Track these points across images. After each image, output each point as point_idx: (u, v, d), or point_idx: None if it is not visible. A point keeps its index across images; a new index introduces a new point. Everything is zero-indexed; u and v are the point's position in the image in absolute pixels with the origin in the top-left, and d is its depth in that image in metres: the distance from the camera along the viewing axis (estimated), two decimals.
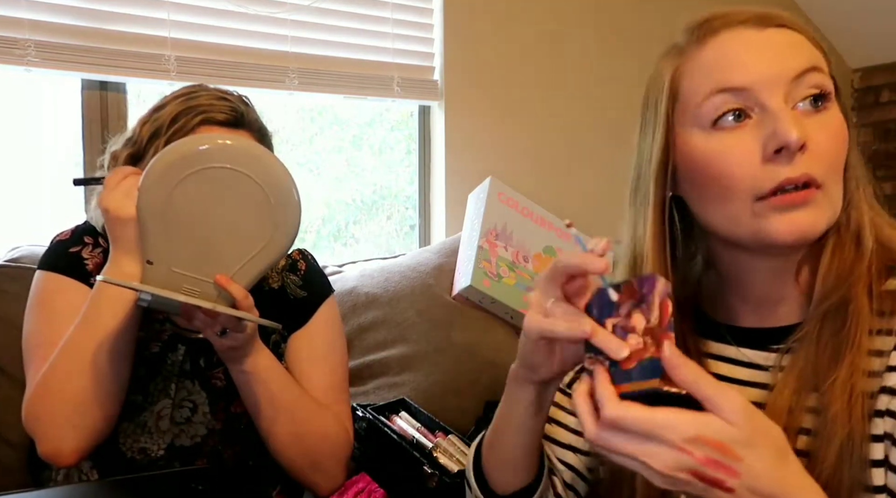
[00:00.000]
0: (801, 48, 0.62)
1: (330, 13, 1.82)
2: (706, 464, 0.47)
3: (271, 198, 0.84)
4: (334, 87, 1.82)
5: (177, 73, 1.59)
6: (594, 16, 2.26)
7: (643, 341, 0.51)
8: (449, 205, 2.01)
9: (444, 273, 1.63)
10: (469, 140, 2.04)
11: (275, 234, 0.85)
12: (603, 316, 0.55)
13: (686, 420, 0.47)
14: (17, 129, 1.63)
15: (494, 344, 1.53)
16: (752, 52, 0.62)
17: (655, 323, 0.51)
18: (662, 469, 0.47)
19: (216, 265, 0.84)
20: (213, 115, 0.97)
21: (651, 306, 0.52)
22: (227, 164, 0.82)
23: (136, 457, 0.96)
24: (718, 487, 0.47)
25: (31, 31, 1.45)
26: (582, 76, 2.24)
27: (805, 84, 0.60)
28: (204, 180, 0.82)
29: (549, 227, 1.76)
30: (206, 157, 0.82)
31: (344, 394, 1.08)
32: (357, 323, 1.53)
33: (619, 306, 0.54)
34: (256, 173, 0.83)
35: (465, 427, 1.36)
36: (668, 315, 0.51)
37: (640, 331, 0.52)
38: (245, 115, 1.01)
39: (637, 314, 0.52)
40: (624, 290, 0.54)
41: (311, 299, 1.09)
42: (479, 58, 2.03)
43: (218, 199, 0.83)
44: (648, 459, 0.48)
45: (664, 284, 0.52)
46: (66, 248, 1.00)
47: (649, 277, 0.53)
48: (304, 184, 2.00)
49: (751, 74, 0.61)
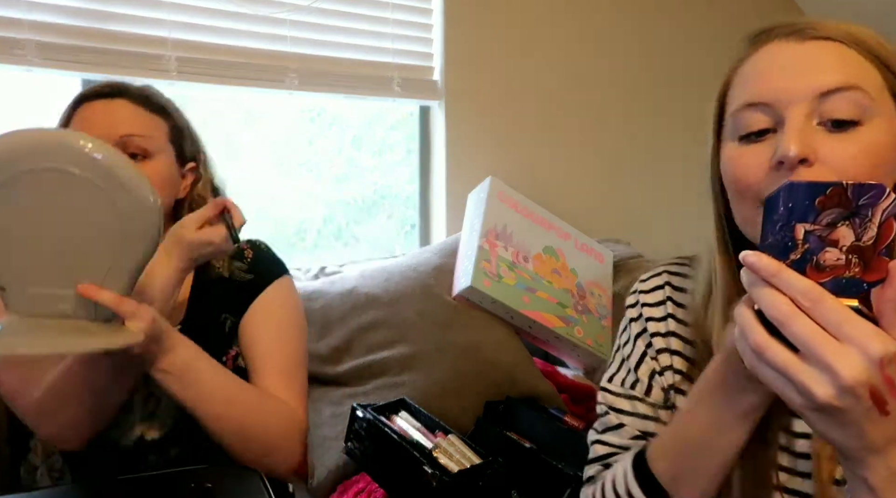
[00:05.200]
0: (838, 64, 0.60)
1: (330, 13, 1.82)
2: (888, 382, 0.45)
3: (105, 189, 0.73)
4: (334, 87, 1.82)
5: (177, 73, 1.59)
6: (595, 16, 2.26)
7: (845, 258, 0.46)
8: (449, 205, 2.01)
9: (444, 273, 1.63)
10: (469, 140, 2.04)
11: (130, 225, 0.75)
12: (794, 217, 0.48)
13: (887, 337, 0.46)
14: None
15: (494, 344, 1.53)
16: (781, 66, 0.62)
17: (869, 243, 0.46)
18: (850, 377, 0.44)
19: (78, 274, 0.75)
20: (85, 94, 0.99)
21: (868, 223, 0.46)
22: (47, 164, 0.72)
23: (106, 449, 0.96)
24: (880, 408, 0.46)
25: (31, 31, 1.45)
26: (582, 76, 2.23)
27: (833, 102, 0.59)
28: (27, 185, 0.72)
29: (549, 227, 1.76)
30: (20, 158, 0.72)
31: (296, 377, 1.05)
32: (357, 323, 1.53)
33: (819, 212, 0.47)
34: (79, 166, 0.73)
35: (465, 427, 1.36)
36: (891, 237, 0.46)
37: (845, 247, 0.47)
38: (123, 87, 1.00)
39: (844, 227, 0.47)
40: (830, 193, 0.47)
41: (258, 281, 1.08)
42: (479, 58, 2.03)
43: (50, 202, 0.73)
44: (839, 361, 0.45)
45: (893, 200, 0.46)
46: None
47: (872, 186, 0.46)
48: (304, 184, 2.02)
49: (775, 90, 0.61)
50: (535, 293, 1.60)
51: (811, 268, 0.48)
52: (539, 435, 1.29)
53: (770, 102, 0.61)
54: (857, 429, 0.47)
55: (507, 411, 1.40)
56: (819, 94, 0.59)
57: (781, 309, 0.47)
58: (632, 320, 0.83)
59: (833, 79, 0.59)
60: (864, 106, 0.59)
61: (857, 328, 0.45)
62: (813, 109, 0.60)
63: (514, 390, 1.46)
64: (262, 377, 1.02)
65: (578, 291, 1.69)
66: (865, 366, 0.45)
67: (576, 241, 1.79)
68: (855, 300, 0.47)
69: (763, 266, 0.48)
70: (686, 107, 2.30)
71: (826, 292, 0.46)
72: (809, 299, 0.46)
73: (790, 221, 0.48)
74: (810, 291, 0.46)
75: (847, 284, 0.47)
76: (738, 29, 0.69)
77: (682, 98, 2.35)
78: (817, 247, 0.47)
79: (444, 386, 1.42)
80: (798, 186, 0.48)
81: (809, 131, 0.59)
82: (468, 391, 1.43)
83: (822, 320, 0.46)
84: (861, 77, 0.60)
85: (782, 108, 0.61)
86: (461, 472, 1.05)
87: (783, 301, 0.47)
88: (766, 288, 0.48)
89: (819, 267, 0.48)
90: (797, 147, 0.57)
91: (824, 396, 0.45)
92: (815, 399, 0.46)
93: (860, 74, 0.60)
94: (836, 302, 0.46)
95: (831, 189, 0.47)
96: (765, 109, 0.62)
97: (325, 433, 1.37)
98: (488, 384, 1.46)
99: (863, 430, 0.47)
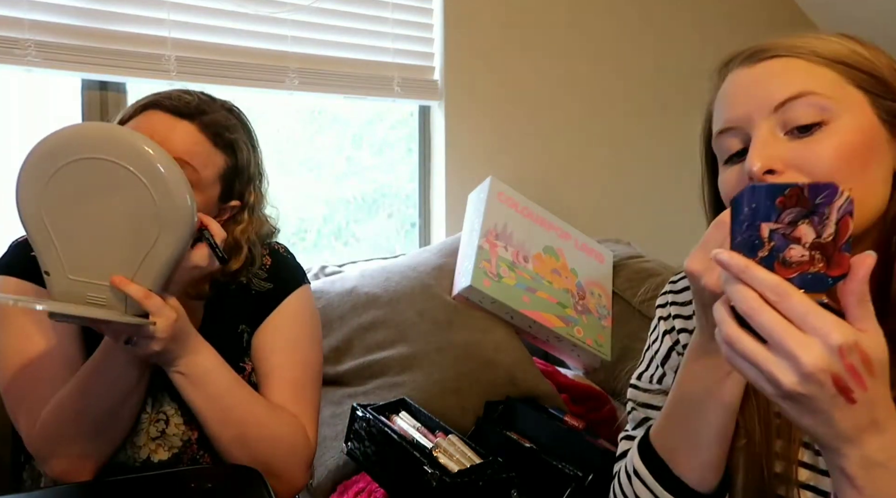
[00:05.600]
0: (789, 75, 0.65)
1: (330, 13, 1.82)
2: (849, 370, 0.48)
3: (149, 185, 0.77)
4: (334, 87, 1.82)
5: (177, 73, 1.59)
6: (594, 15, 2.26)
7: (809, 254, 0.49)
8: (449, 204, 2.01)
9: (444, 273, 1.63)
10: (469, 140, 2.04)
11: (164, 223, 0.78)
12: (758, 217, 0.51)
13: (849, 326, 0.48)
14: (17, 130, 1.63)
15: (494, 344, 1.53)
16: (740, 90, 0.67)
17: (829, 240, 0.49)
18: (811, 364, 0.47)
19: (112, 267, 0.78)
20: (160, 100, 0.92)
21: (826, 220, 0.49)
22: (95, 155, 0.76)
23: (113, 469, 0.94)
24: (845, 396, 0.48)
25: (31, 31, 1.45)
26: (582, 76, 2.24)
27: (792, 110, 0.63)
28: (74, 175, 0.76)
29: (549, 227, 1.76)
30: (71, 149, 0.76)
31: (308, 392, 1.02)
32: (357, 323, 1.54)
33: (780, 211, 0.50)
34: (130, 161, 0.76)
35: (465, 427, 1.36)
36: (848, 234, 0.49)
37: (808, 244, 0.49)
38: (199, 110, 0.93)
39: (805, 225, 0.49)
40: (789, 194, 0.50)
41: (276, 291, 1.04)
42: (479, 58, 2.03)
43: (93, 194, 0.77)
44: (800, 349, 0.47)
45: (846, 200, 0.49)
46: (25, 251, 0.95)
47: (827, 186, 0.49)
48: (304, 183, 2.02)
49: (738, 113, 0.66)
50: (535, 293, 1.60)
51: (779, 264, 0.50)
52: (539, 435, 1.29)
53: (738, 126, 0.66)
54: (826, 416, 0.49)
55: (507, 411, 1.41)
56: (775, 107, 0.64)
57: (749, 303, 0.50)
58: (661, 319, 0.86)
59: (784, 90, 0.64)
60: (823, 106, 0.63)
61: (819, 319, 0.48)
62: (776, 122, 0.64)
63: (514, 390, 1.46)
64: (273, 391, 0.99)
65: (578, 291, 1.70)
66: (826, 354, 0.47)
67: (576, 241, 1.79)
68: (822, 294, 0.49)
69: (733, 264, 0.51)
70: (686, 106, 2.30)
71: (792, 287, 0.49)
72: (776, 294, 0.49)
73: (755, 221, 0.51)
74: (777, 286, 0.49)
75: (813, 279, 0.49)
76: (738, 29, 0.69)
77: (682, 98, 2.35)
78: (782, 244, 0.50)
79: (444, 386, 1.42)
80: (759, 188, 0.51)
81: (775, 143, 0.63)
82: (468, 391, 1.43)
83: (789, 313, 0.49)
84: (811, 82, 0.64)
85: (749, 127, 0.65)
86: (461, 472, 1.05)
87: (751, 296, 0.50)
88: (737, 284, 0.51)
89: (786, 263, 0.50)
90: (759, 161, 0.62)
91: (789, 383, 0.48)
92: (781, 387, 0.48)
93: (810, 79, 0.64)
94: (801, 296, 0.49)
95: (789, 190, 0.50)
96: (735, 132, 0.67)
97: (325, 433, 1.37)
98: (488, 384, 1.46)
99: (832, 417, 0.49)
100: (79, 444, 0.89)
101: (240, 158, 0.97)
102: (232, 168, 0.96)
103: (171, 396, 0.97)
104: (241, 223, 1.00)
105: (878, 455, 0.50)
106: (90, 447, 0.90)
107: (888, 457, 0.51)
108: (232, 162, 0.96)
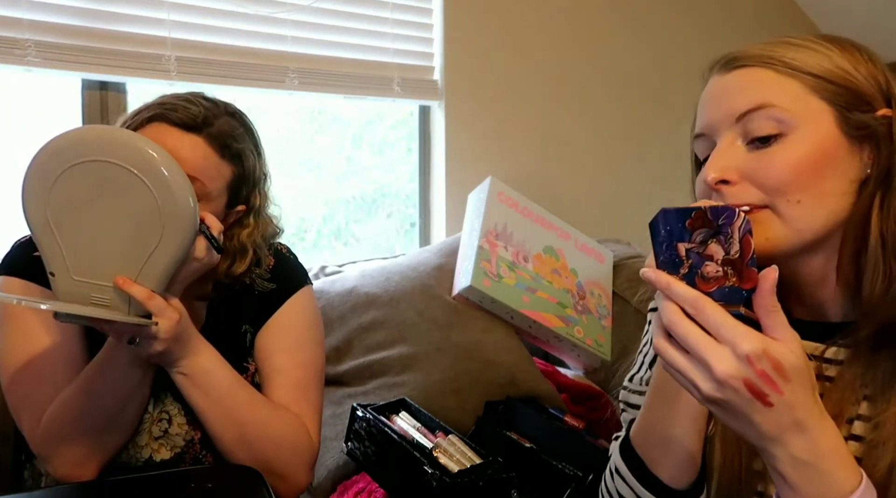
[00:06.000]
0: (752, 87, 0.66)
1: (330, 13, 1.82)
2: (761, 376, 0.51)
3: (152, 187, 0.78)
4: (334, 87, 1.82)
5: (177, 73, 1.59)
6: (594, 16, 2.26)
7: (723, 270, 0.54)
8: (449, 204, 2.01)
9: (444, 273, 1.63)
10: (469, 140, 2.04)
11: (167, 224, 0.79)
12: (674, 238, 0.56)
13: (758, 336, 0.52)
14: (17, 130, 1.63)
15: (494, 344, 1.53)
16: (711, 99, 0.70)
17: (736, 257, 0.53)
18: (722, 372, 0.51)
19: (116, 268, 0.79)
20: (166, 113, 0.91)
21: (730, 239, 0.53)
22: (99, 158, 0.77)
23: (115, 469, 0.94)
24: (761, 400, 0.51)
25: (31, 31, 1.45)
26: (582, 75, 2.24)
27: (751, 122, 0.65)
28: (79, 178, 0.78)
29: (549, 228, 1.76)
30: (75, 152, 0.77)
31: (311, 393, 1.02)
32: (357, 323, 1.54)
33: (691, 232, 0.55)
34: (133, 163, 0.78)
35: (465, 427, 1.36)
36: (752, 250, 0.53)
37: (719, 260, 0.54)
38: (206, 122, 0.92)
39: (714, 244, 0.54)
40: (694, 216, 0.55)
41: (279, 292, 1.05)
42: (479, 58, 2.03)
43: (97, 196, 0.78)
44: (713, 359, 0.51)
45: (744, 221, 0.53)
46: (28, 251, 0.95)
47: (725, 208, 0.54)
48: (304, 182, 2.02)
49: (706, 121, 0.69)
50: (535, 293, 1.60)
51: (700, 279, 0.55)
52: (539, 435, 1.29)
53: (706, 133, 0.69)
54: (746, 419, 0.53)
55: (507, 411, 1.41)
56: (736, 118, 0.66)
57: (670, 316, 0.54)
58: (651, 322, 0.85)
59: (745, 101, 0.65)
60: (781, 119, 0.64)
61: (730, 330, 0.51)
62: (738, 132, 0.66)
63: (514, 390, 1.47)
64: (276, 392, 0.99)
65: (578, 291, 1.70)
66: (735, 362, 0.51)
67: (576, 241, 1.79)
68: (740, 306, 0.53)
69: (656, 280, 0.55)
70: (687, 106, 2.29)
71: (708, 300, 0.53)
72: (693, 307, 0.53)
73: (672, 241, 0.56)
74: (695, 300, 0.53)
75: (730, 293, 0.54)
76: (738, 28, 0.69)
77: (682, 98, 2.35)
78: (698, 262, 0.55)
79: (444, 386, 1.42)
80: (670, 212, 0.56)
81: (733, 154, 0.66)
82: (468, 391, 1.43)
83: (706, 324, 0.52)
84: (773, 94, 0.65)
85: (714, 135, 0.68)
86: (461, 472, 1.05)
87: (673, 309, 0.54)
88: (663, 299, 0.55)
89: (705, 278, 0.55)
90: (714, 172, 0.65)
91: (706, 389, 0.52)
92: (701, 392, 0.53)
93: (772, 91, 0.65)
94: (715, 308, 0.52)
95: (695, 212, 0.55)
96: (705, 139, 0.70)
97: (325, 433, 1.37)
98: (488, 384, 1.46)
99: (752, 420, 0.52)
100: (82, 444, 0.89)
101: (246, 166, 0.97)
102: (238, 177, 0.96)
103: (174, 396, 0.97)
104: (246, 227, 1.00)
105: (803, 455, 0.53)
106: (94, 447, 0.90)
107: (814, 456, 0.53)
108: (239, 171, 0.96)
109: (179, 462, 0.98)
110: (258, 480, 0.88)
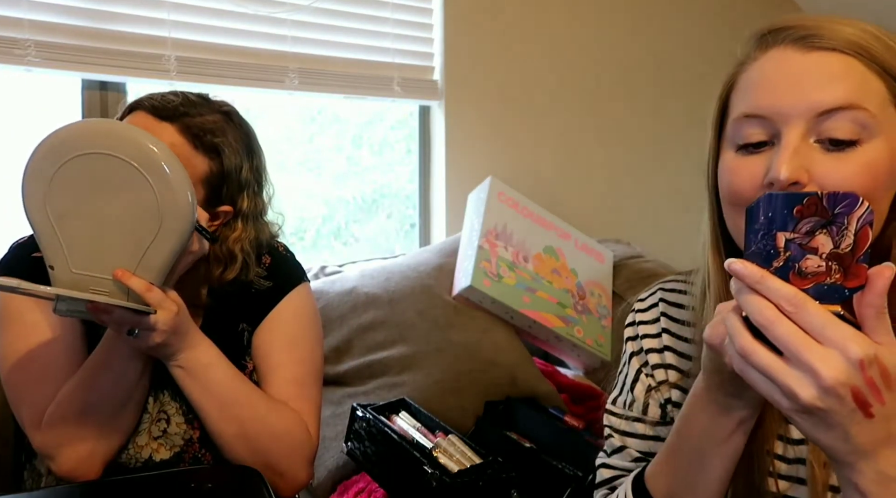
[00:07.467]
0: (842, 80, 0.58)
1: (330, 13, 1.82)
2: (869, 383, 0.46)
3: (151, 181, 0.78)
4: (334, 87, 1.82)
5: (177, 73, 1.59)
6: (594, 15, 2.26)
7: (826, 265, 0.48)
8: (449, 204, 2.01)
9: (444, 273, 1.63)
10: (469, 140, 2.04)
11: (166, 217, 0.80)
12: (774, 226, 0.50)
13: (868, 340, 0.47)
14: (17, 130, 1.63)
15: (494, 344, 1.53)
16: (784, 79, 0.60)
17: (847, 251, 0.48)
18: (831, 378, 0.45)
19: (115, 260, 0.80)
20: (143, 101, 0.92)
21: (844, 231, 0.48)
22: (98, 150, 0.78)
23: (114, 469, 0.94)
24: (864, 410, 0.46)
25: (31, 31, 1.45)
26: (582, 76, 2.24)
27: (833, 122, 0.58)
28: (78, 170, 0.78)
29: (549, 228, 1.76)
30: (74, 144, 0.78)
31: (309, 389, 1.02)
32: (357, 323, 1.54)
33: (797, 221, 0.49)
34: (133, 157, 0.78)
35: (465, 427, 1.36)
36: (867, 245, 0.48)
37: (824, 255, 0.48)
38: (182, 112, 0.92)
39: (822, 235, 0.49)
40: (806, 203, 0.49)
41: (276, 289, 1.04)
42: (479, 58, 2.04)
43: (96, 189, 0.79)
44: (820, 363, 0.45)
45: (867, 210, 0.48)
46: (27, 251, 0.95)
47: (847, 196, 0.48)
48: (304, 182, 2.02)
49: (774, 104, 0.60)
50: (535, 293, 1.60)
51: (794, 275, 0.49)
52: (539, 435, 1.29)
53: (768, 116, 0.60)
54: (842, 431, 0.47)
55: (507, 411, 1.41)
56: (818, 113, 0.58)
57: (765, 314, 0.48)
58: (629, 339, 0.83)
59: (834, 98, 0.58)
60: (865, 125, 0.57)
61: (837, 332, 0.46)
62: (811, 127, 0.58)
63: (514, 390, 1.47)
64: (274, 389, 0.99)
65: (578, 291, 1.70)
66: (846, 367, 0.46)
67: (576, 241, 1.79)
68: (837, 306, 0.48)
69: (748, 273, 0.49)
70: (686, 106, 2.30)
71: (808, 297, 0.48)
72: (792, 304, 0.47)
73: (771, 230, 0.50)
74: (793, 296, 0.47)
75: (829, 290, 0.49)
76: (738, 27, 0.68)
77: (682, 98, 2.35)
78: (798, 254, 0.49)
79: (444, 386, 1.42)
80: (776, 197, 0.50)
81: (804, 151, 0.58)
82: (468, 391, 1.43)
83: (805, 325, 0.47)
84: (864, 95, 0.58)
85: (780, 124, 0.59)
86: (461, 472, 1.06)
87: (767, 307, 0.48)
88: (751, 294, 0.49)
89: (801, 274, 0.49)
90: (788, 171, 0.57)
91: (807, 397, 0.46)
92: (799, 401, 0.47)
93: (863, 92, 0.58)
94: (817, 307, 0.47)
95: (807, 199, 0.49)
96: (763, 123, 0.61)
97: (325, 433, 1.37)
98: (488, 384, 1.46)
99: (848, 432, 0.47)
100: (85, 441, 0.89)
101: (226, 163, 0.95)
102: (217, 173, 0.94)
103: (173, 395, 0.97)
104: (234, 231, 0.98)
105: (893, 470, 0.49)
106: (96, 444, 0.90)
107: None
108: (217, 166, 0.94)
109: (179, 462, 0.98)
110: (258, 479, 0.88)
